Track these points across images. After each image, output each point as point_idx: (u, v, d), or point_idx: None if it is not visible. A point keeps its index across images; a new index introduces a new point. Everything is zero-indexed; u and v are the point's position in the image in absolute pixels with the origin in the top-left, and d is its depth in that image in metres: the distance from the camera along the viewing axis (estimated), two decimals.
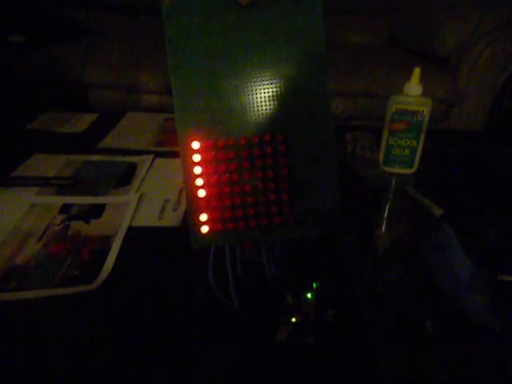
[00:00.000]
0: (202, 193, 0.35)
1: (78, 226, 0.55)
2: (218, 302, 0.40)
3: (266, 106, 0.35)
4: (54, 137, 0.82)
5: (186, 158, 0.35)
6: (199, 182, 0.35)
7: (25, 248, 0.50)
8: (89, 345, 0.38)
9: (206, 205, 0.35)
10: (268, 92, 0.35)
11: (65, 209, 0.58)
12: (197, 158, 0.35)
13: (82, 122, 0.90)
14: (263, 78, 0.35)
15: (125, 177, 0.67)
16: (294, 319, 0.39)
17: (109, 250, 0.50)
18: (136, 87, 1.45)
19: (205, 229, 0.36)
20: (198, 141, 0.35)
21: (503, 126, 1.47)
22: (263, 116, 0.35)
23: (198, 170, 0.35)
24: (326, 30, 0.35)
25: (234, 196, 0.35)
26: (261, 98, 0.35)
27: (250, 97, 0.35)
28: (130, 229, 0.54)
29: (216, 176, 0.35)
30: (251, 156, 0.35)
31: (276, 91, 0.35)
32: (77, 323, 0.40)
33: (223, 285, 0.39)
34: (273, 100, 0.35)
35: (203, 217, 0.36)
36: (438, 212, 0.56)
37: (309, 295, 0.41)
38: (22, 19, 1.60)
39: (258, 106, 0.35)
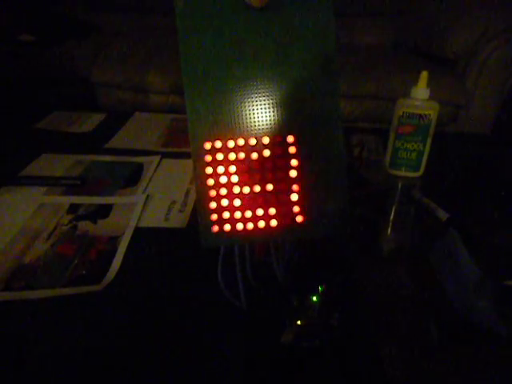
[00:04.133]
0: (212, 193, 0.36)
1: (85, 226, 0.55)
2: (225, 303, 0.40)
3: (276, 107, 0.36)
4: (62, 136, 0.83)
5: (197, 158, 0.36)
6: (210, 182, 0.36)
7: (33, 248, 0.50)
8: (95, 345, 0.38)
9: (216, 204, 0.36)
10: (279, 94, 0.36)
11: (72, 209, 0.59)
12: (208, 158, 0.36)
13: (90, 121, 0.90)
14: (274, 80, 0.35)
15: (132, 177, 0.67)
16: (299, 322, 0.39)
17: (115, 250, 0.50)
18: (144, 87, 1.45)
19: (215, 229, 0.36)
20: (210, 141, 0.36)
21: (510, 129, 1.46)
22: (274, 118, 0.36)
23: (208, 170, 0.36)
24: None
25: (244, 196, 0.36)
26: (272, 99, 0.36)
27: (261, 98, 0.36)
28: (137, 229, 0.54)
29: (227, 176, 0.36)
30: (262, 157, 0.36)
31: (287, 93, 0.35)
32: (83, 323, 0.41)
33: (231, 285, 0.39)
34: (283, 102, 0.36)
35: (213, 216, 0.36)
36: (444, 216, 0.56)
37: (314, 298, 0.41)
38: (32, 18, 1.61)
39: (268, 108, 0.36)
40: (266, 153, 0.36)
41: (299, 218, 0.36)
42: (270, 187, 0.36)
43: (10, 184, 0.64)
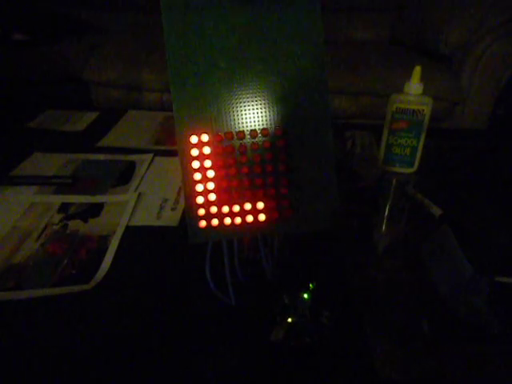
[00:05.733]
0: (199, 187, 0.35)
1: (76, 225, 0.55)
2: (215, 300, 0.40)
3: (263, 101, 0.35)
4: (55, 135, 0.82)
5: (184, 152, 0.35)
6: (197, 176, 0.35)
7: (23, 247, 0.50)
8: (85, 344, 0.38)
9: (203, 199, 0.35)
10: (266, 87, 0.35)
11: (63, 208, 0.58)
12: (195, 152, 0.35)
13: (83, 120, 0.90)
14: (261, 73, 0.35)
15: (124, 176, 0.67)
16: (289, 319, 0.39)
17: (106, 249, 0.50)
18: (138, 85, 1.45)
19: (202, 224, 0.36)
20: (196, 135, 0.35)
21: (506, 125, 1.45)
22: (261, 111, 0.35)
23: (195, 164, 0.35)
24: (326, 27, 0.35)
25: (232, 191, 0.35)
26: (258, 93, 0.35)
27: (248, 92, 0.35)
28: (128, 228, 0.54)
29: (214, 170, 0.35)
30: (249, 151, 0.35)
31: (274, 87, 0.35)
32: (73, 323, 0.40)
33: (221, 282, 0.39)
34: (271, 95, 0.35)
35: (201, 211, 0.35)
36: (437, 212, 0.56)
37: (305, 296, 0.41)
38: (25, 17, 1.61)
39: (255, 101, 0.35)
40: (254, 146, 0.35)
41: (287, 212, 0.36)
42: (257, 181, 0.35)
43: (2, 183, 0.63)
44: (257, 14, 0.35)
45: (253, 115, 0.35)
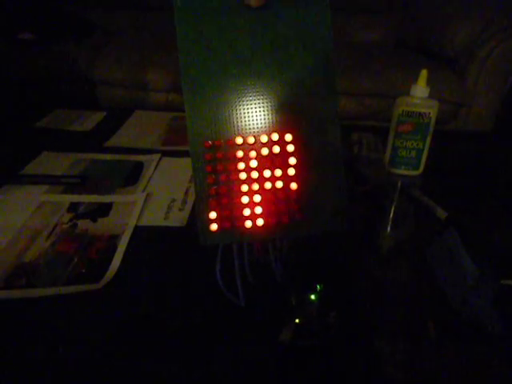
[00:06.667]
0: (211, 191, 0.36)
1: (85, 224, 0.55)
2: (224, 301, 0.41)
3: (274, 106, 0.36)
4: (63, 135, 0.83)
5: (197, 156, 0.36)
6: (208, 180, 0.36)
7: (33, 246, 0.51)
8: (94, 343, 0.38)
9: (215, 203, 0.36)
10: (277, 93, 0.36)
11: (73, 207, 0.59)
12: (206, 156, 0.36)
13: (90, 120, 0.91)
14: (272, 79, 0.36)
15: (132, 176, 0.67)
16: (297, 320, 0.39)
17: (115, 248, 0.50)
18: (144, 85, 1.45)
19: (214, 227, 0.36)
20: (208, 140, 0.36)
21: (511, 127, 1.45)
22: (272, 116, 0.36)
23: (207, 168, 0.36)
24: (333, 31, 0.35)
25: (243, 194, 0.36)
26: (269, 98, 0.36)
27: (259, 97, 0.36)
28: (137, 228, 0.55)
29: (225, 174, 0.36)
30: (260, 155, 0.36)
31: (284, 92, 0.36)
32: (83, 321, 0.41)
33: (230, 283, 0.39)
34: (281, 100, 0.36)
35: (212, 215, 0.36)
36: (443, 215, 0.56)
37: (313, 297, 0.41)
38: (31, 16, 1.61)
39: (266, 107, 0.36)
40: (265, 151, 0.36)
41: (298, 216, 0.36)
42: (268, 185, 0.36)
43: (11, 182, 0.64)
44: (268, 20, 0.35)
45: (263, 120, 0.36)
